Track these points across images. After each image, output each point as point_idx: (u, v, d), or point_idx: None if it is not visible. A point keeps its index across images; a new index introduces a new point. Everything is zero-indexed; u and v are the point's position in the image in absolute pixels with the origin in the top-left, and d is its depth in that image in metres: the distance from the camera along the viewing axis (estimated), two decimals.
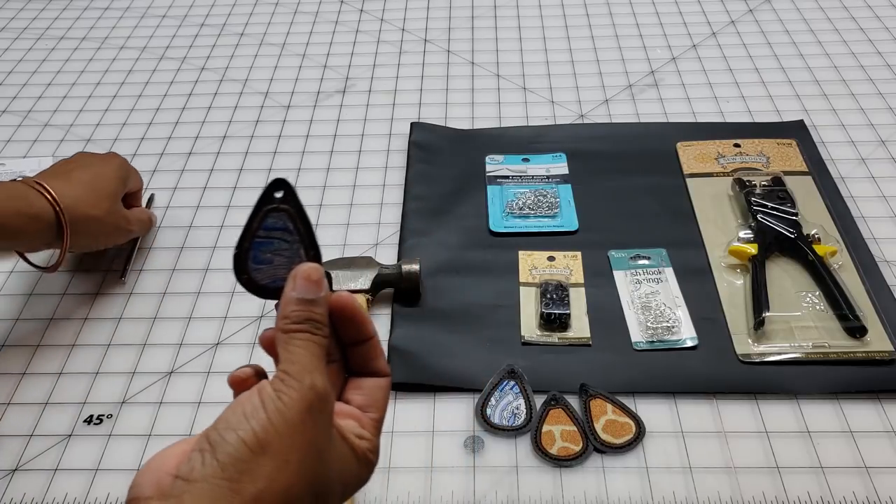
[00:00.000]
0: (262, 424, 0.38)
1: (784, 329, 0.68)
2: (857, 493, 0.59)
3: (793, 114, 0.94)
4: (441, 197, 0.84)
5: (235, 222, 0.84)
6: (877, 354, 0.66)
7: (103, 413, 0.66)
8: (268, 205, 0.45)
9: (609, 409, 0.64)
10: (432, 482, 0.60)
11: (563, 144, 0.90)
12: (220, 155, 0.93)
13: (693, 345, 0.68)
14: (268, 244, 0.45)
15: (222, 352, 0.71)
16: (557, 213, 0.81)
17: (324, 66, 1.07)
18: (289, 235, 0.44)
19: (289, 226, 0.45)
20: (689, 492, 0.59)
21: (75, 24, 1.19)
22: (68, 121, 0.99)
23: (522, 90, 1.01)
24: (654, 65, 1.05)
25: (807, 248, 0.73)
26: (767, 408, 0.64)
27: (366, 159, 0.91)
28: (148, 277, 0.78)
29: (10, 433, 0.65)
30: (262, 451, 0.37)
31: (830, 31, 1.09)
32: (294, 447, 0.38)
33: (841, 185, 0.84)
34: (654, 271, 0.75)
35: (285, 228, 0.45)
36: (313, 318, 0.42)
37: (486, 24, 1.14)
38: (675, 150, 0.88)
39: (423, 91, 1.01)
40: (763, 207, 0.77)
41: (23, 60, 1.11)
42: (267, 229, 0.45)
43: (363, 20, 1.17)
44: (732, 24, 1.12)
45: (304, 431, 0.38)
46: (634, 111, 0.96)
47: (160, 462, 0.39)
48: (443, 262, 0.77)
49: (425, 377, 0.67)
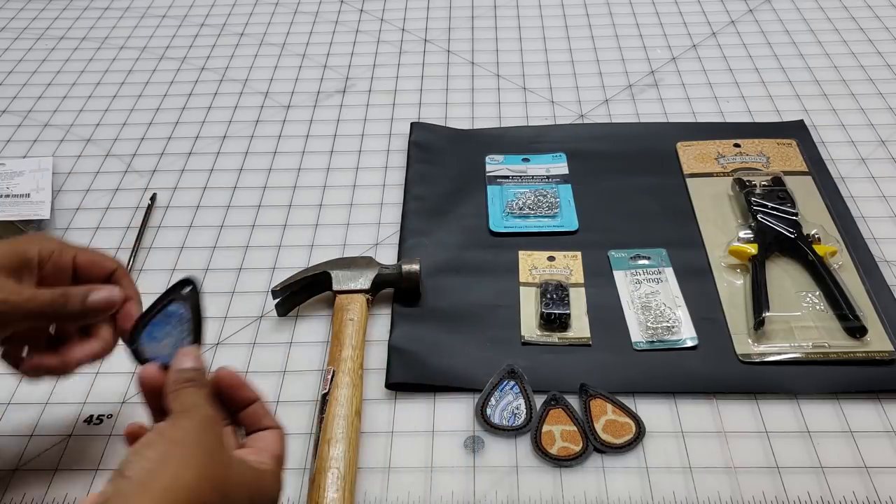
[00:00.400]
0: (164, 443, 0.44)
1: (784, 329, 0.68)
2: (857, 493, 0.59)
3: (793, 114, 0.94)
4: (441, 197, 0.84)
5: (235, 222, 0.84)
6: (877, 354, 0.66)
7: (103, 413, 0.66)
8: (172, 295, 0.54)
9: (609, 409, 0.64)
10: (432, 482, 0.60)
11: (563, 144, 0.90)
12: (220, 155, 0.93)
13: (693, 345, 0.68)
14: (162, 325, 0.53)
15: (222, 352, 0.71)
16: (557, 213, 0.81)
17: (324, 66, 1.07)
18: (181, 324, 0.53)
19: (185, 316, 0.53)
20: (689, 492, 0.59)
21: (75, 24, 1.19)
22: (68, 121, 0.99)
23: (522, 90, 1.01)
24: (654, 65, 1.05)
25: (807, 248, 0.73)
26: (767, 408, 0.64)
27: (366, 159, 0.91)
28: (148, 277, 0.78)
29: (10, 433, 0.65)
30: (164, 460, 0.43)
31: (830, 31, 1.09)
32: (193, 453, 0.44)
33: (841, 185, 0.84)
34: (654, 271, 0.75)
35: (180, 317, 0.53)
36: (195, 378, 0.49)
37: (486, 24, 1.14)
38: (675, 150, 0.88)
39: (423, 91, 1.01)
40: (763, 207, 0.77)
41: (23, 60, 1.11)
42: (166, 315, 0.54)
43: (363, 20, 1.17)
44: (732, 24, 1.12)
45: (200, 442, 0.45)
46: (634, 111, 0.96)
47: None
48: (443, 262, 0.77)
49: (425, 377, 0.67)
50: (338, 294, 0.71)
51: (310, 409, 0.66)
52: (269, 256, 0.80)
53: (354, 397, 0.63)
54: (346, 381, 0.63)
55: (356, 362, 0.65)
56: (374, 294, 0.73)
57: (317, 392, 0.67)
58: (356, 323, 0.68)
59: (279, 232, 0.82)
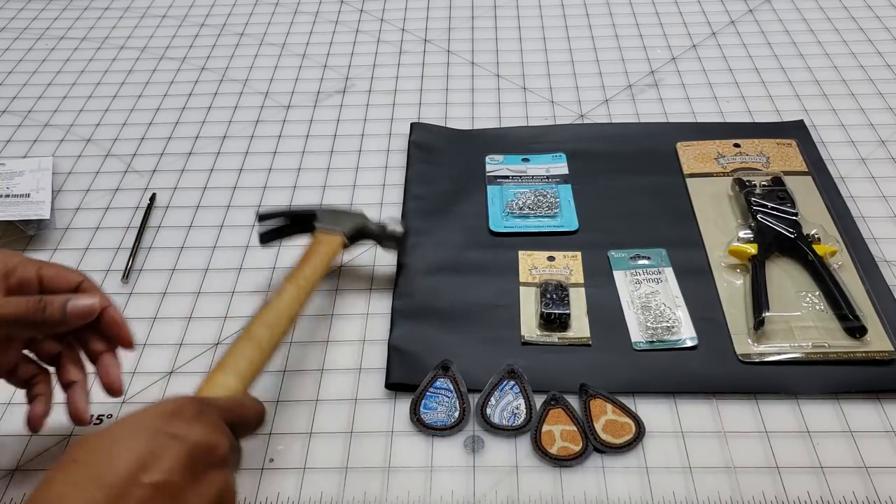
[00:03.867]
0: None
1: (784, 329, 0.68)
2: (856, 493, 0.59)
3: (793, 114, 0.94)
4: (441, 197, 0.84)
5: (235, 222, 0.84)
6: (877, 354, 0.66)
7: (103, 413, 0.66)
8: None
9: (609, 409, 0.64)
10: (432, 482, 0.60)
11: (563, 144, 0.90)
12: (220, 155, 0.93)
13: (693, 345, 0.68)
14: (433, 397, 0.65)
15: (222, 352, 0.71)
16: (557, 213, 0.81)
17: (324, 66, 1.07)
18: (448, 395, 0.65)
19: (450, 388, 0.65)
20: (689, 492, 0.59)
21: (75, 24, 1.19)
22: (68, 121, 0.99)
23: (522, 90, 1.01)
24: (654, 65, 1.05)
25: (807, 248, 0.73)
26: (767, 408, 0.64)
27: (366, 159, 0.91)
28: (148, 277, 0.78)
29: (10, 433, 0.65)
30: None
31: (830, 31, 1.09)
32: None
33: (841, 185, 0.84)
34: (653, 271, 0.75)
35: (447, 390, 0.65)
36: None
37: (486, 24, 1.14)
38: (675, 150, 0.88)
39: (423, 91, 1.01)
40: (763, 207, 0.77)
41: (23, 60, 1.11)
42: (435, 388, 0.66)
43: (363, 20, 1.17)
44: (732, 24, 1.12)
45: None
46: (634, 111, 0.96)
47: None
48: (443, 261, 0.77)
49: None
50: (318, 231, 0.72)
51: (309, 410, 0.66)
52: (269, 256, 0.79)
53: (292, 305, 0.63)
54: (289, 289, 0.63)
55: (308, 281, 0.65)
56: (352, 241, 0.73)
57: (316, 393, 0.67)
58: (322, 255, 0.69)
59: None
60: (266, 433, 0.64)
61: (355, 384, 0.67)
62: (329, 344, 0.71)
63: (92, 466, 0.41)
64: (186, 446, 0.43)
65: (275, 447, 0.63)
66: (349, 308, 0.74)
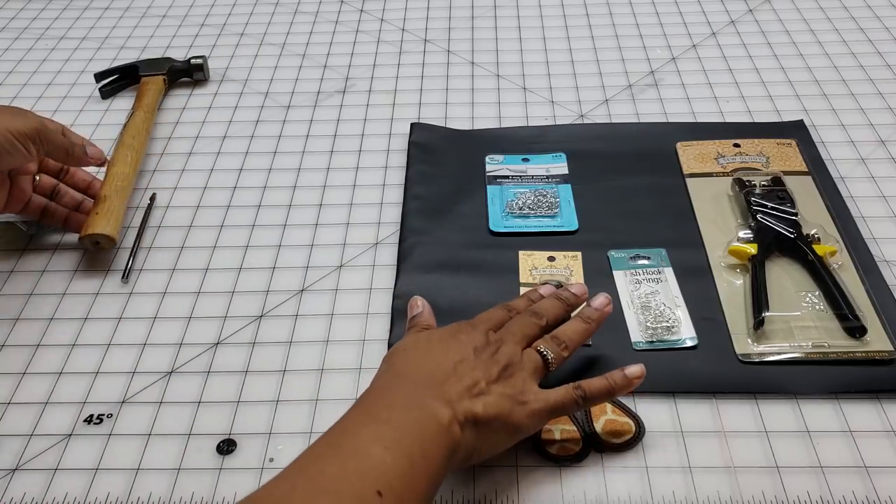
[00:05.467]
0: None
1: (784, 329, 0.68)
2: (856, 493, 0.59)
3: (793, 114, 0.94)
4: (441, 197, 0.84)
5: (235, 222, 0.84)
6: (876, 354, 0.66)
7: (103, 413, 0.66)
8: None
9: (609, 409, 0.64)
10: None
11: (563, 144, 0.90)
12: (220, 155, 0.93)
13: (693, 345, 0.68)
14: None
15: (222, 352, 0.71)
16: (557, 213, 0.81)
17: (324, 66, 1.07)
18: None
19: None
20: (689, 491, 0.59)
21: (75, 24, 1.19)
22: (68, 121, 0.99)
23: (522, 90, 1.01)
24: (654, 65, 1.05)
25: (806, 248, 0.73)
26: (767, 408, 0.64)
27: (366, 159, 0.91)
28: (148, 277, 0.78)
29: (10, 433, 0.65)
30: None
31: (830, 31, 1.09)
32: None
33: (841, 185, 0.84)
34: (653, 271, 0.75)
35: None
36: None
37: (486, 24, 1.14)
38: (675, 150, 0.88)
39: (423, 91, 1.02)
40: (763, 207, 0.77)
41: (23, 60, 1.11)
42: None
43: (363, 20, 1.17)
44: (732, 24, 1.12)
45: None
46: (634, 111, 0.96)
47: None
48: (443, 261, 0.77)
49: None
50: (143, 78, 1.01)
51: (309, 410, 0.66)
52: (269, 256, 0.80)
53: (143, 125, 0.92)
54: (140, 115, 0.93)
55: (145, 111, 0.95)
56: (172, 80, 1.03)
57: (316, 393, 0.67)
58: (152, 93, 0.98)
59: (279, 232, 0.82)
60: (266, 433, 0.64)
61: (355, 384, 0.68)
62: (329, 344, 0.71)
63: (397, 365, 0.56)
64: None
65: (275, 447, 0.63)
66: (349, 308, 0.74)
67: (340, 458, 0.48)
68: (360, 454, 0.47)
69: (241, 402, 0.67)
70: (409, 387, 0.54)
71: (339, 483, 0.46)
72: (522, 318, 0.62)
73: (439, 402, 0.52)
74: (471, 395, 0.54)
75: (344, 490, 0.45)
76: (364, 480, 0.46)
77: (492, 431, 0.54)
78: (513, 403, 0.55)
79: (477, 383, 0.54)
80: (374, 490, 0.45)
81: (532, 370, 0.58)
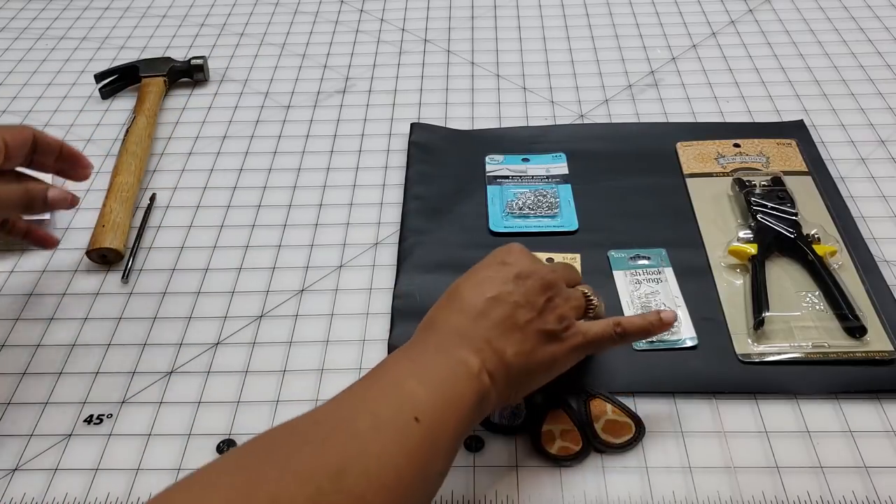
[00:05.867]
0: None
1: (784, 329, 0.68)
2: (856, 493, 0.59)
3: (793, 114, 0.94)
4: (441, 197, 0.84)
5: (235, 222, 0.84)
6: (877, 354, 0.66)
7: (103, 413, 0.66)
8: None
9: (609, 409, 0.64)
10: None
11: (563, 144, 0.90)
12: (220, 155, 0.93)
13: (693, 345, 0.68)
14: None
15: (222, 352, 0.71)
16: (557, 213, 0.81)
17: (324, 66, 1.07)
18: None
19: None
20: (689, 491, 0.59)
21: (75, 24, 1.19)
22: (68, 121, 0.99)
23: (522, 90, 1.01)
24: (654, 65, 1.05)
25: (806, 248, 0.73)
26: (767, 408, 0.64)
27: (366, 159, 0.91)
28: (148, 277, 0.78)
29: (10, 433, 0.65)
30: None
31: (830, 31, 1.09)
32: None
33: (841, 185, 0.84)
34: (653, 271, 0.75)
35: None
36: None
37: (486, 24, 1.14)
38: (675, 150, 0.88)
39: (423, 91, 1.02)
40: (763, 207, 0.77)
41: (23, 60, 1.11)
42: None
43: (363, 20, 1.17)
44: (732, 24, 1.12)
45: None
46: (634, 111, 0.96)
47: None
48: (443, 261, 0.77)
49: None
50: (143, 78, 1.01)
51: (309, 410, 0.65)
52: (269, 256, 0.80)
53: (145, 130, 0.92)
54: (142, 121, 0.93)
55: (147, 116, 0.94)
56: (172, 80, 1.03)
57: (316, 393, 0.67)
58: (153, 94, 0.98)
59: (279, 232, 0.82)
60: None
61: None
62: (329, 344, 0.71)
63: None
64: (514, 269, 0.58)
65: None
66: (349, 308, 0.74)
67: (380, 386, 0.51)
68: (398, 385, 0.50)
69: (241, 402, 0.67)
70: (442, 331, 0.55)
71: (378, 405, 0.49)
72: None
73: (468, 349, 0.53)
74: (503, 329, 0.55)
75: (383, 412, 0.48)
76: (403, 406, 0.49)
77: (525, 374, 0.55)
78: (548, 340, 0.56)
79: (511, 316, 0.55)
80: (412, 416, 0.48)
81: (575, 306, 0.59)
